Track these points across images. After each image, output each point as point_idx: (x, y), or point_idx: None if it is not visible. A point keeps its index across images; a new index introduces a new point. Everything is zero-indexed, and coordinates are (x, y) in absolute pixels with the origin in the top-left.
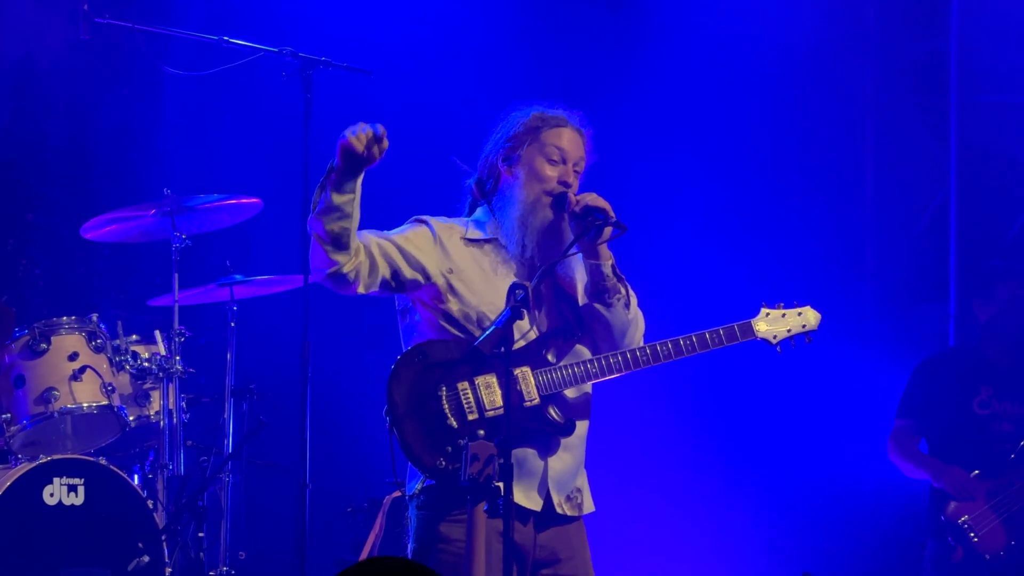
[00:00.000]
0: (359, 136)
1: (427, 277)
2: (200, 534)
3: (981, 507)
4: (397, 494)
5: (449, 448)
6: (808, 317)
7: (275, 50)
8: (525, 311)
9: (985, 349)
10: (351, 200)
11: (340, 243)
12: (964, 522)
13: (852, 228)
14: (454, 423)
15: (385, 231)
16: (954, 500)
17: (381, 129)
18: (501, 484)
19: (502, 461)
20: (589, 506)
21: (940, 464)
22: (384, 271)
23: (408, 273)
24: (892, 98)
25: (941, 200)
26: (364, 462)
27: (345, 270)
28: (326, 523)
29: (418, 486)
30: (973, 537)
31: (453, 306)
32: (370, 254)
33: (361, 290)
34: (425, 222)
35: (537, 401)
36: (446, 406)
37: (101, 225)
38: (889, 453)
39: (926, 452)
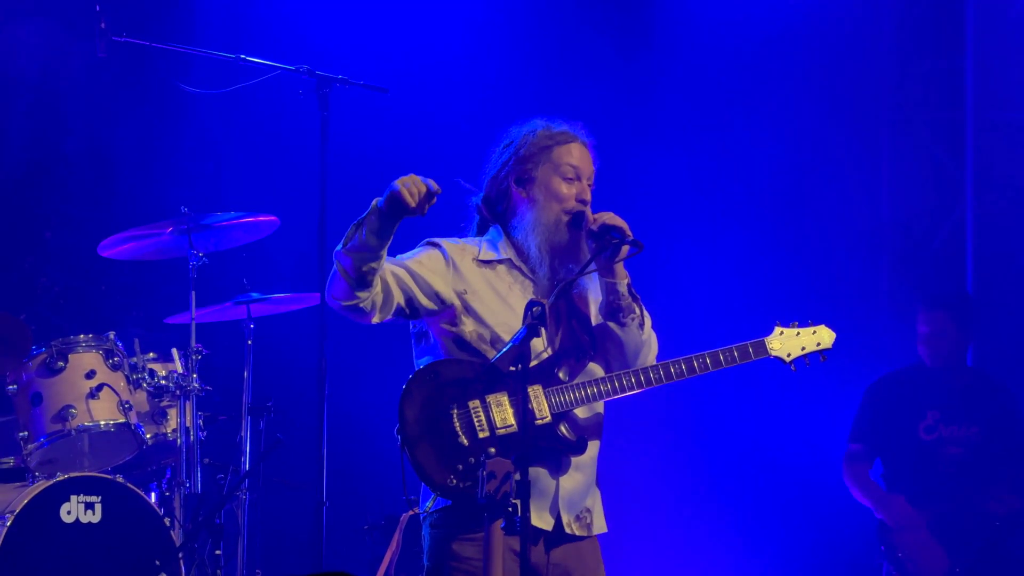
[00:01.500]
0: (412, 190)
1: (441, 303)
2: (217, 552)
3: (921, 537)
4: (414, 511)
5: (460, 466)
6: (823, 336)
7: (292, 68)
8: (542, 328)
9: (930, 371)
10: (384, 243)
11: (364, 281)
12: (901, 555)
13: (867, 245)
14: (465, 441)
15: (398, 257)
16: (893, 531)
17: (435, 186)
18: (518, 502)
19: (519, 478)
20: (600, 526)
21: (882, 494)
22: (399, 299)
23: (423, 300)
24: (908, 115)
25: (957, 217)
26: (381, 479)
27: (362, 305)
28: (343, 541)
29: (429, 504)
30: (912, 569)
31: (467, 327)
32: (385, 284)
33: (375, 320)
34: (437, 245)
35: (549, 419)
36: (457, 424)
37: (118, 243)
38: (843, 476)
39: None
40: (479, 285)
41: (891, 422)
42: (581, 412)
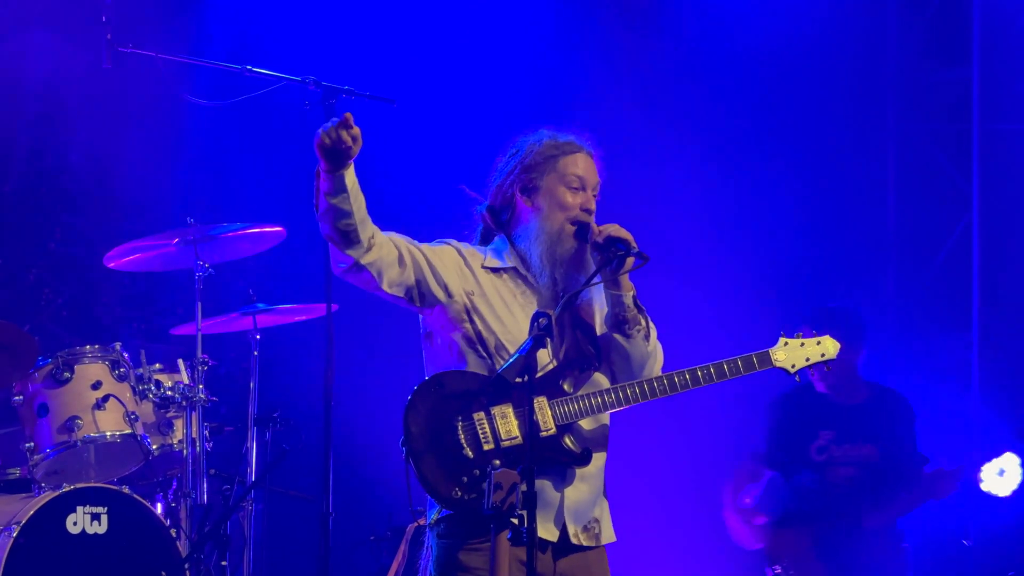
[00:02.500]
0: (328, 131)
1: (449, 295)
2: (223, 563)
3: (798, 552)
4: (420, 522)
5: (465, 478)
6: (827, 346)
7: (298, 79)
8: (548, 339)
9: (824, 390)
10: (345, 198)
11: (349, 239)
12: (776, 571)
13: (874, 256)
14: (470, 453)
15: (415, 241)
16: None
17: (346, 115)
18: (524, 512)
19: (525, 489)
20: (609, 536)
21: (739, 519)
22: (410, 277)
23: (432, 286)
24: (914, 126)
25: (963, 228)
26: (387, 490)
27: (364, 261)
28: (349, 551)
29: (434, 516)
30: None
31: (474, 328)
32: (400, 256)
33: (385, 287)
34: (451, 243)
35: (553, 431)
36: (462, 436)
37: (124, 254)
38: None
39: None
40: (487, 290)
41: (789, 444)
42: (586, 424)
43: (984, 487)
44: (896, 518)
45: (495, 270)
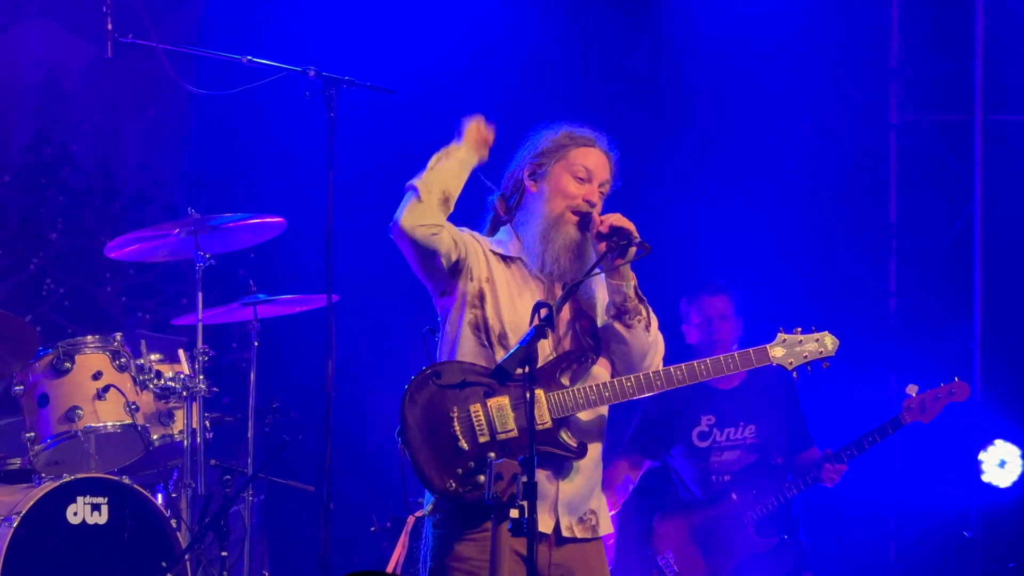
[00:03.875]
0: (484, 127)
1: (471, 276)
2: (223, 553)
3: (683, 540)
4: (420, 513)
5: (460, 470)
6: (825, 343)
7: (299, 69)
8: (549, 330)
9: None
10: (463, 176)
11: (447, 203)
12: (664, 559)
13: (875, 249)
14: (465, 445)
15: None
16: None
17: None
18: (525, 503)
19: (525, 480)
20: (606, 528)
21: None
22: (462, 251)
23: (468, 264)
24: (915, 118)
25: (965, 220)
26: (387, 481)
27: (442, 235)
28: (349, 542)
29: (429, 507)
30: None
31: (483, 314)
32: (452, 234)
33: (442, 252)
34: (466, 231)
35: (549, 424)
36: (458, 428)
37: (125, 244)
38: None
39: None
40: (498, 277)
41: (666, 433)
42: (583, 416)
43: (985, 478)
44: (785, 498)
45: (504, 258)
